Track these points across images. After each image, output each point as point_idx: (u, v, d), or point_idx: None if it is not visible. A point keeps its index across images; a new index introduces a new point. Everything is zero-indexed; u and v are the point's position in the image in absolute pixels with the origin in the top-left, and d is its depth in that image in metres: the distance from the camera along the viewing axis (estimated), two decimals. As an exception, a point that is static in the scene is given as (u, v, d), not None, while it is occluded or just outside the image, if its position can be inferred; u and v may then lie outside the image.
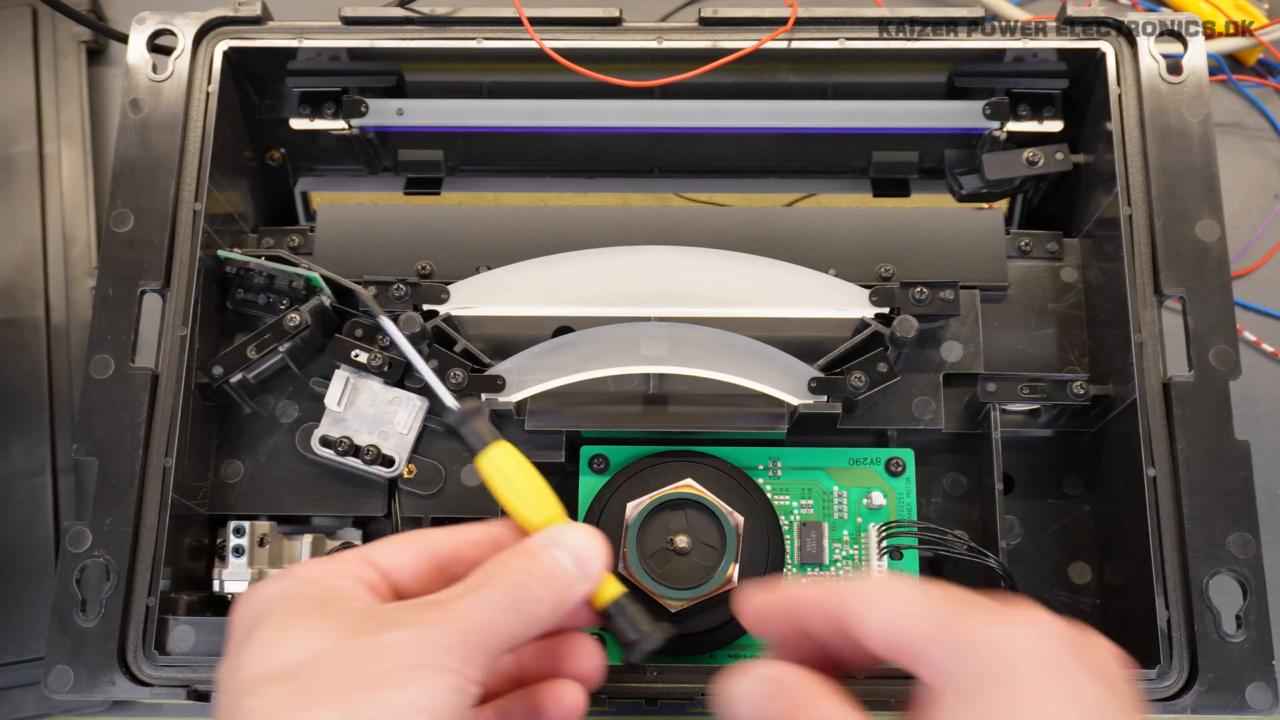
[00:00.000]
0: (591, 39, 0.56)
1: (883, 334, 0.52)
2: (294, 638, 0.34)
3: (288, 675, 0.33)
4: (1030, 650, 0.31)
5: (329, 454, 0.53)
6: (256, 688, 0.33)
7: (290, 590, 0.36)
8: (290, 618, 0.35)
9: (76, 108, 0.73)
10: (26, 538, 0.63)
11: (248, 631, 0.35)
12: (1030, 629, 0.31)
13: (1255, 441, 0.48)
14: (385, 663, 0.33)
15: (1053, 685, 0.30)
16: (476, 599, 0.35)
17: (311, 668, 0.33)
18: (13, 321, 0.68)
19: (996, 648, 0.31)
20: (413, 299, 0.53)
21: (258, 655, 0.34)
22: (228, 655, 0.35)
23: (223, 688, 0.34)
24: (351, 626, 0.34)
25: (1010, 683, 0.30)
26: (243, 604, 0.37)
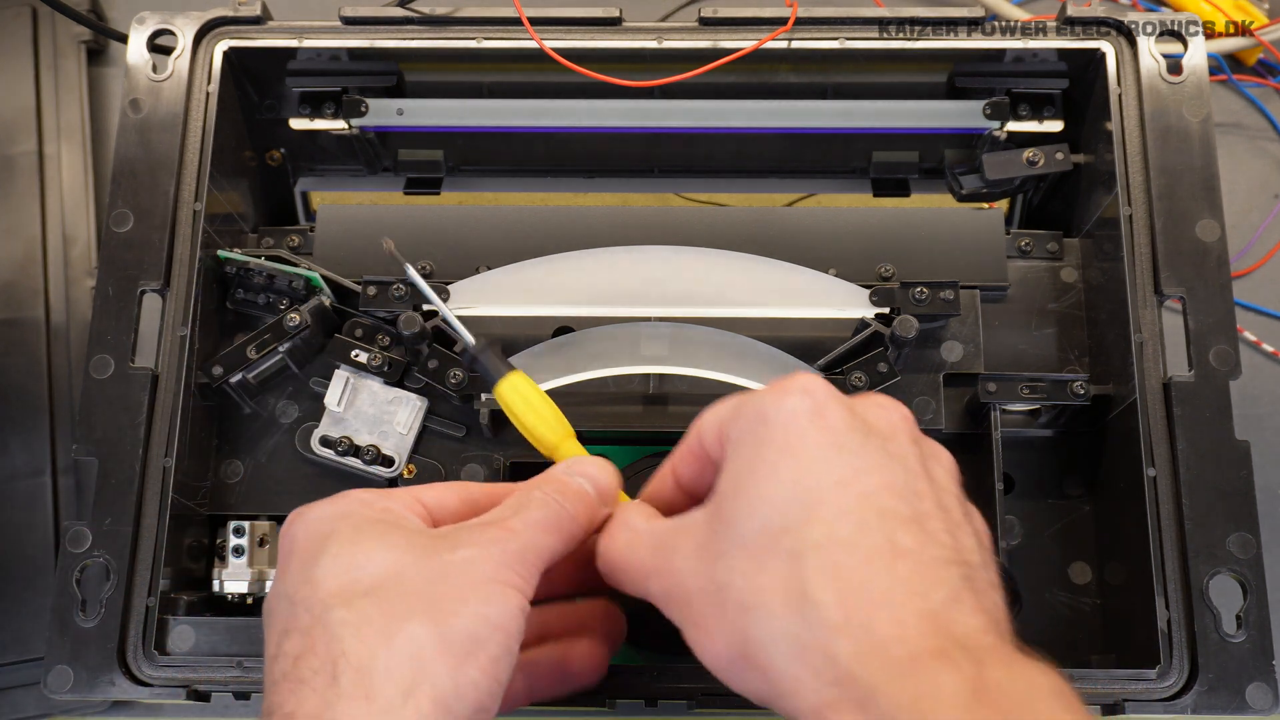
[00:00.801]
0: (591, 39, 0.56)
1: (883, 334, 0.52)
2: (370, 553, 0.36)
3: (373, 590, 0.35)
4: (794, 405, 0.35)
5: (329, 454, 0.53)
6: (344, 600, 0.35)
7: (351, 510, 0.38)
8: (360, 535, 0.37)
9: (76, 108, 0.74)
10: (26, 538, 0.63)
11: (316, 548, 0.37)
12: (793, 392, 0.36)
13: (1255, 441, 0.48)
14: (461, 578, 0.35)
15: (811, 435, 0.35)
16: (524, 519, 0.38)
17: (395, 583, 0.35)
18: (13, 321, 0.68)
19: (768, 408, 0.36)
20: (413, 299, 0.53)
21: (337, 569, 0.36)
22: (293, 572, 0.37)
23: (297, 600, 0.36)
24: (422, 545, 0.36)
25: (772, 431, 0.35)
26: (300, 523, 0.38)
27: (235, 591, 0.52)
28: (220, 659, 0.47)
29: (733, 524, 0.35)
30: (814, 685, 0.32)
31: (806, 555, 0.33)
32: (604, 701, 0.46)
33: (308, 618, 0.35)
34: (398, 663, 0.34)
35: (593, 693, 0.45)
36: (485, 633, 0.35)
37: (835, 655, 0.32)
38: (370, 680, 0.33)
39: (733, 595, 0.34)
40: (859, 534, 0.33)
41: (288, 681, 0.34)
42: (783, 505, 0.34)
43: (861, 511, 0.34)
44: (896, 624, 0.32)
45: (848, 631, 0.32)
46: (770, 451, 0.35)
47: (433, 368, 0.52)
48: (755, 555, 0.34)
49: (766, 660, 0.33)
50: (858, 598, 0.32)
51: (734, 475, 0.36)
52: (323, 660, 0.34)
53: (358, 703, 0.33)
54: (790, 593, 0.33)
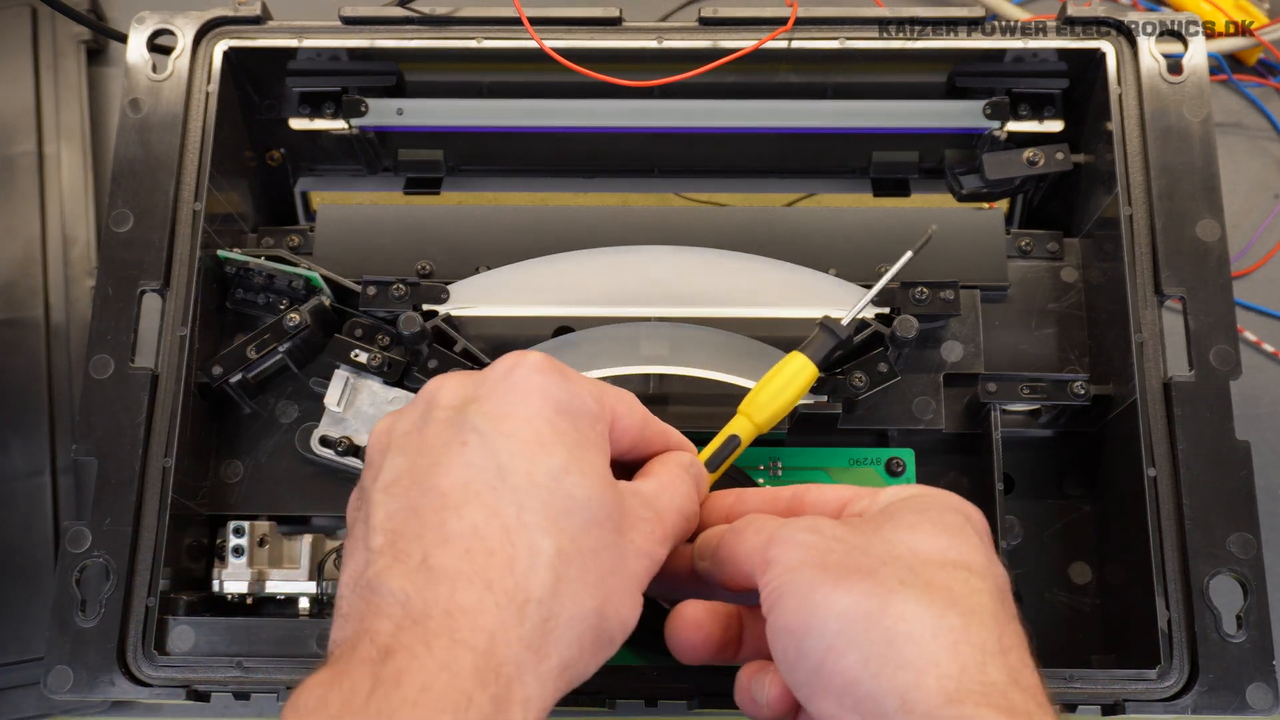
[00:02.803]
0: (591, 39, 0.56)
1: (883, 334, 0.52)
2: (590, 495, 0.35)
3: (581, 544, 0.35)
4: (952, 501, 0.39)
5: (329, 454, 0.53)
6: (557, 533, 0.34)
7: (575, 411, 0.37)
8: (582, 461, 0.36)
9: (76, 108, 0.74)
10: (26, 538, 0.63)
11: (544, 437, 0.36)
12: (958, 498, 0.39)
13: (1255, 441, 0.48)
14: (629, 575, 0.36)
15: (977, 529, 0.38)
16: (673, 520, 0.39)
17: (594, 548, 0.35)
18: (13, 321, 0.68)
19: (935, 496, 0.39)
20: (412, 299, 0.53)
21: (559, 492, 0.35)
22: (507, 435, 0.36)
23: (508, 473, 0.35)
24: (617, 510, 0.36)
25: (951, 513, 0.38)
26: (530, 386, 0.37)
27: (235, 591, 0.52)
28: (220, 659, 0.47)
29: (911, 531, 0.37)
30: (955, 673, 0.33)
31: (981, 593, 0.35)
32: (604, 701, 0.46)
33: (514, 515, 0.34)
34: (570, 638, 0.34)
35: (593, 693, 0.45)
36: (619, 636, 0.36)
37: (988, 668, 0.33)
38: (546, 642, 0.33)
39: (891, 571, 0.35)
40: (1015, 619, 0.36)
41: (468, 563, 0.33)
42: (967, 551, 0.36)
43: (1014, 609, 0.36)
44: (1039, 688, 0.34)
45: (1005, 661, 0.34)
46: (956, 515, 0.38)
47: (433, 368, 0.52)
48: (929, 562, 0.36)
49: (907, 629, 0.33)
50: (1014, 650, 0.34)
51: (911, 509, 0.38)
52: (516, 583, 0.33)
53: (531, 655, 0.33)
54: (959, 602, 0.34)
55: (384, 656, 0.32)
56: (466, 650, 0.32)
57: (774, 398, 0.46)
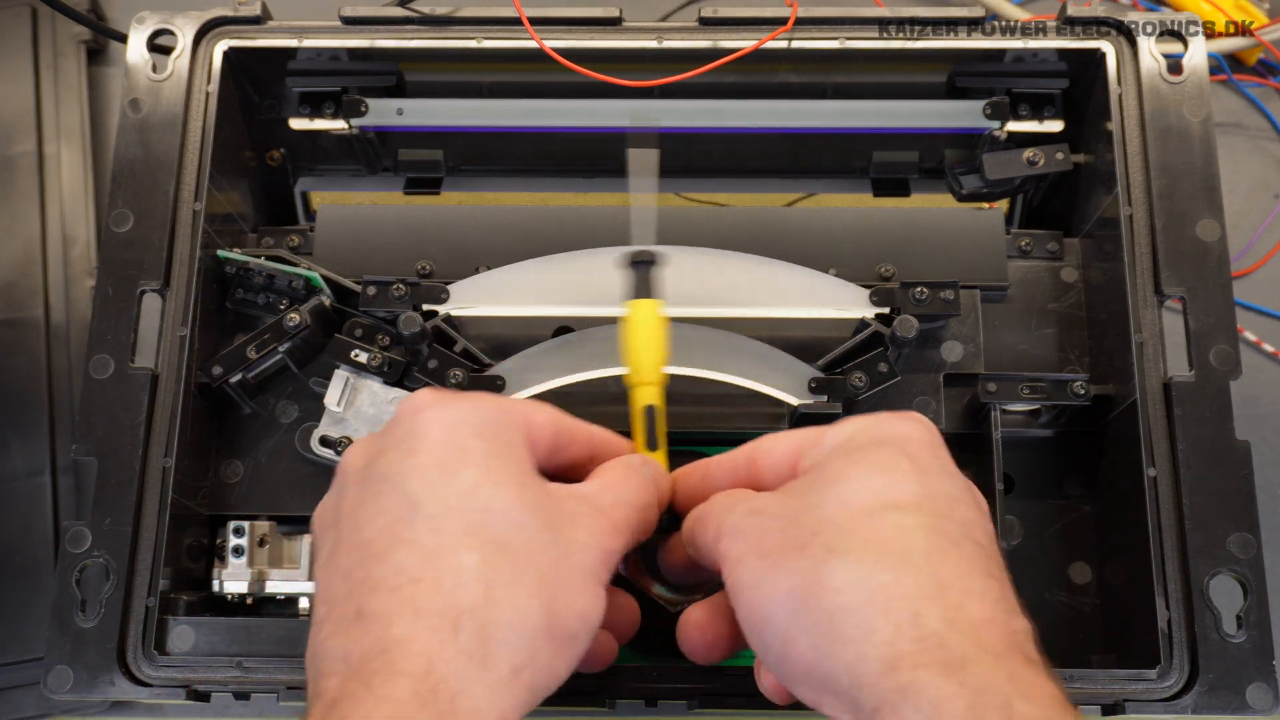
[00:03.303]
0: (591, 39, 0.56)
1: (883, 334, 0.52)
2: (506, 501, 0.35)
3: (504, 545, 0.35)
4: (912, 427, 0.38)
5: (329, 454, 0.53)
6: (476, 544, 0.34)
7: (483, 428, 0.37)
8: (495, 472, 0.36)
9: (76, 108, 0.73)
10: (26, 538, 0.63)
11: (452, 460, 0.36)
12: (909, 419, 0.38)
13: (1255, 441, 0.48)
14: (575, 568, 0.36)
15: (929, 451, 0.37)
16: (623, 515, 0.39)
17: (522, 547, 0.35)
18: (13, 321, 0.68)
19: (883, 422, 0.38)
20: (412, 299, 0.53)
21: (472, 502, 0.35)
22: (422, 468, 0.36)
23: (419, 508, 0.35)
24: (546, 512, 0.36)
25: (888, 436, 0.37)
26: (433, 417, 0.37)
27: (235, 591, 0.52)
28: (220, 659, 0.47)
29: (839, 483, 0.36)
30: (888, 636, 0.32)
31: (914, 531, 0.34)
32: (604, 701, 0.46)
33: (432, 542, 0.34)
34: (515, 641, 0.34)
35: (593, 693, 0.45)
36: (580, 630, 0.36)
37: (922, 616, 0.32)
38: (489, 649, 0.33)
39: (820, 540, 0.34)
40: (961, 540, 0.35)
41: (397, 599, 0.33)
42: (898, 487, 0.35)
43: (963, 528, 0.35)
44: (987, 619, 0.33)
45: (941, 602, 0.32)
46: (889, 447, 0.37)
47: (432, 368, 0.52)
48: (858, 513, 0.35)
49: (839, 603, 0.33)
50: (955, 583, 0.33)
51: (843, 455, 0.37)
52: (445, 603, 0.33)
53: (474, 666, 0.33)
54: (889, 552, 0.33)
55: (330, 708, 0.32)
56: (404, 677, 0.32)
57: (649, 350, 0.45)
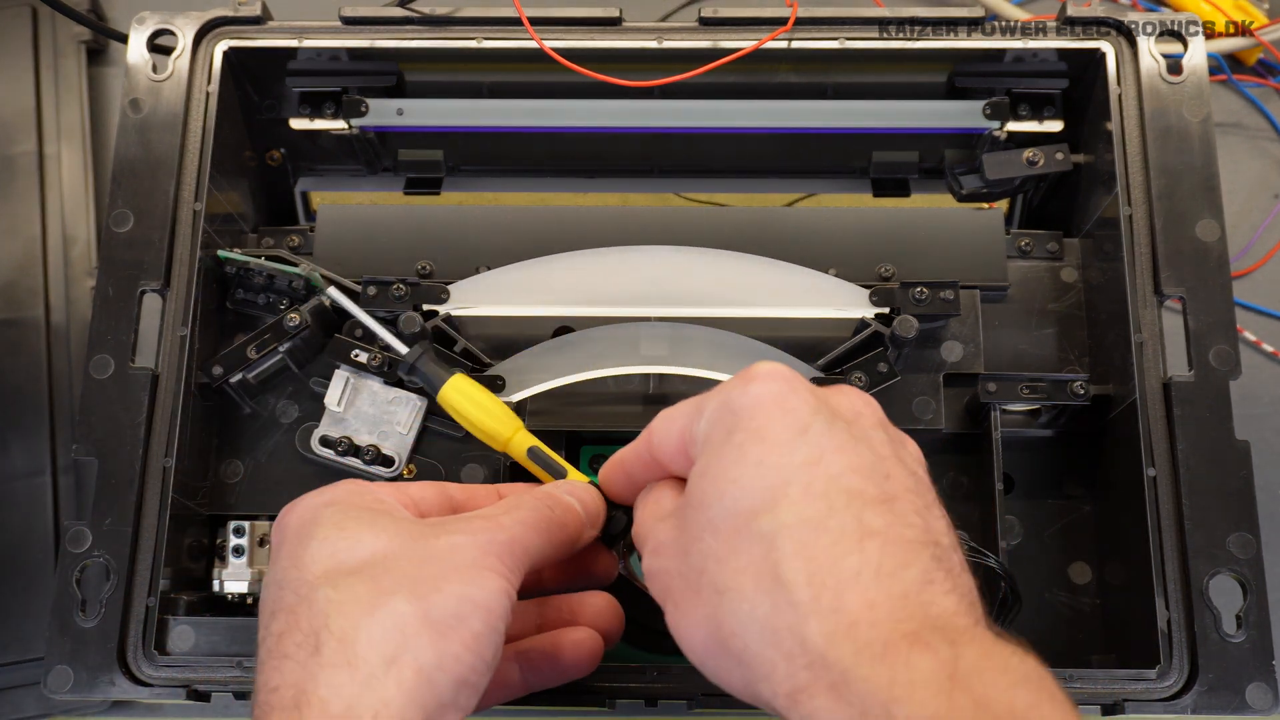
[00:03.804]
0: (591, 39, 0.56)
1: (883, 334, 0.52)
2: (358, 537, 0.37)
3: (359, 569, 0.36)
4: (759, 390, 0.35)
5: (329, 454, 0.53)
6: (331, 579, 0.36)
7: (340, 498, 0.39)
8: (348, 521, 0.38)
9: (76, 108, 0.74)
10: (26, 538, 0.63)
11: (305, 533, 0.38)
12: (757, 378, 0.36)
13: (1255, 441, 0.48)
14: (446, 562, 0.37)
15: (778, 418, 0.35)
16: (513, 517, 0.39)
17: (381, 563, 0.36)
18: (13, 321, 0.68)
19: (733, 395, 0.36)
20: (413, 299, 0.53)
21: (324, 553, 0.37)
22: (283, 558, 0.38)
23: (285, 583, 0.37)
24: (409, 531, 0.38)
25: (739, 417, 0.35)
26: (291, 513, 0.39)
27: (235, 591, 0.52)
28: (220, 659, 0.47)
29: (704, 508, 0.35)
30: (786, 669, 0.32)
31: (777, 536, 0.33)
32: (604, 701, 0.46)
33: (293, 598, 0.36)
34: (380, 633, 0.34)
35: (593, 692, 0.45)
36: (467, 610, 0.36)
37: (806, 637, 0.31)
38: (353, 650, 0.34)
39: (707, 579, 0.34)
40: (827, 514, 0.33)
41: (272, 659, 0.35)
42: (751, 488, 0.34)
43: (829, 492, 0.33)
44: (867, 605, 0.31)
45: (818, 613, 0.32)
46: (738, 435, 0.35)
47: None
48: (727, 538, 0.34)
49: (741, 645, 0.33)
50: (827, 578, 0.32)
51: (704, 463, 0.36)
52: (305, 634, 0.35)
53: (340, 671, 0.34)
54: (762, 575, 0.33)
55: None
56: (275, 714, 0.34)
57: (487, 415, 0.48)
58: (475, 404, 0.47)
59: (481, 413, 0.47)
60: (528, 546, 0.39)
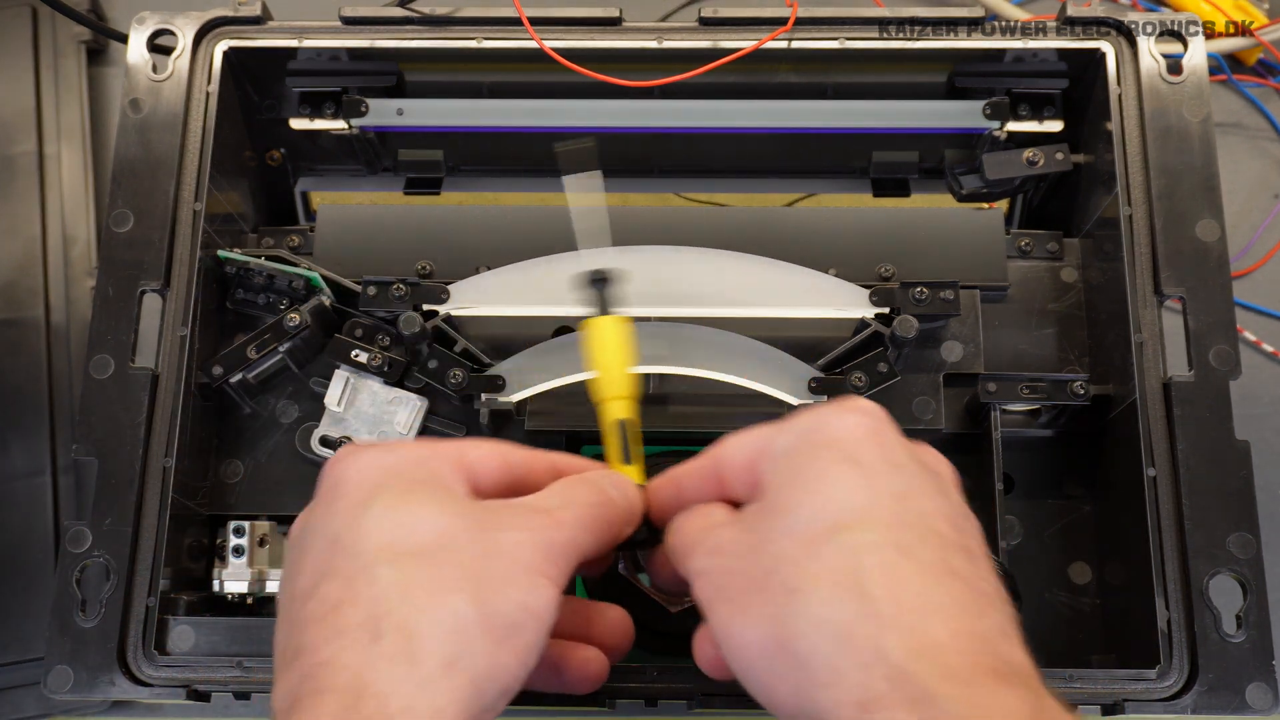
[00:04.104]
0: (591, 39, 0.56)
1: (883, 334, 0.52)
2: (421, 515, 0.36)
3: (421, 553, 0.35)
4: (855, 420, 0.36)
5: (329, 454, 0.53)
6: (392, 558, 0.34)
7: (404, 467, 0.37)
8: (412, 495, 0.36)
9: (76, 108, 0.74)
10: (26, 538, 0.63)
11: (366, 496, 0.36)
12: (853, 410, 0.36)
13: (1255, 441, 0.48)
14: (507, 561, 0.35)
15: (873, 448, 0.35)
16: (571, 514, 0.38)
17: (443, 552, 0.35)
18: (13, 321, 0.68)
19: (828, 419, 0.36)
20: (413, 299, 0.53)
21: (386, 524, 0.35)
22: (339, 514, 0.36)
23: (341, 543, 0.35)
24: (471, 517, 0.36)
25: (831, 438, 0.35)
26: (352, 465, 0.37)
27: (235, 591, 0.52)
28: (220, 659, 0.47)
29: (786, 513, 0.35)
30: (859, 678, 0.31)
31: (862, 551, 0.33)
32: (604, 701, 0.46)
33: (350, 566, 0.35)
34: (442, 634, 0.33)
35: (593, 692, 0.45)
36: (524, 619, 0.35)
37: (886, 650, 0.31)
38: (414, 646, 0.33)
39: (778, 579, 0.34)
40: (916, 545, 0.33)
41: (323, 627, 0.34)
42: (840, 503, 0.34)
43: (918, 526, 0.34)
44: (951, 634, 0.31)
45: (900, 629, 0.31)
46: (829, 453, 0.35)
47: (433, 368, 0.52)
48: (808, 544, 0.34)
49: (807, 646, 0.32)
50: (913, 601, 0.32)
51: (788, 473, 0.36)
52: (365, 615, 0.34)
53: (400, 666, 0.33)
54: (842, 582, 0.32)
55: None
56: (329, 694, 0.33)
57: (615, 365, 0.45)
58: (612, 350, 0.45)
59: (611, 359, 0.45)
60: (581, 548, 0.38)
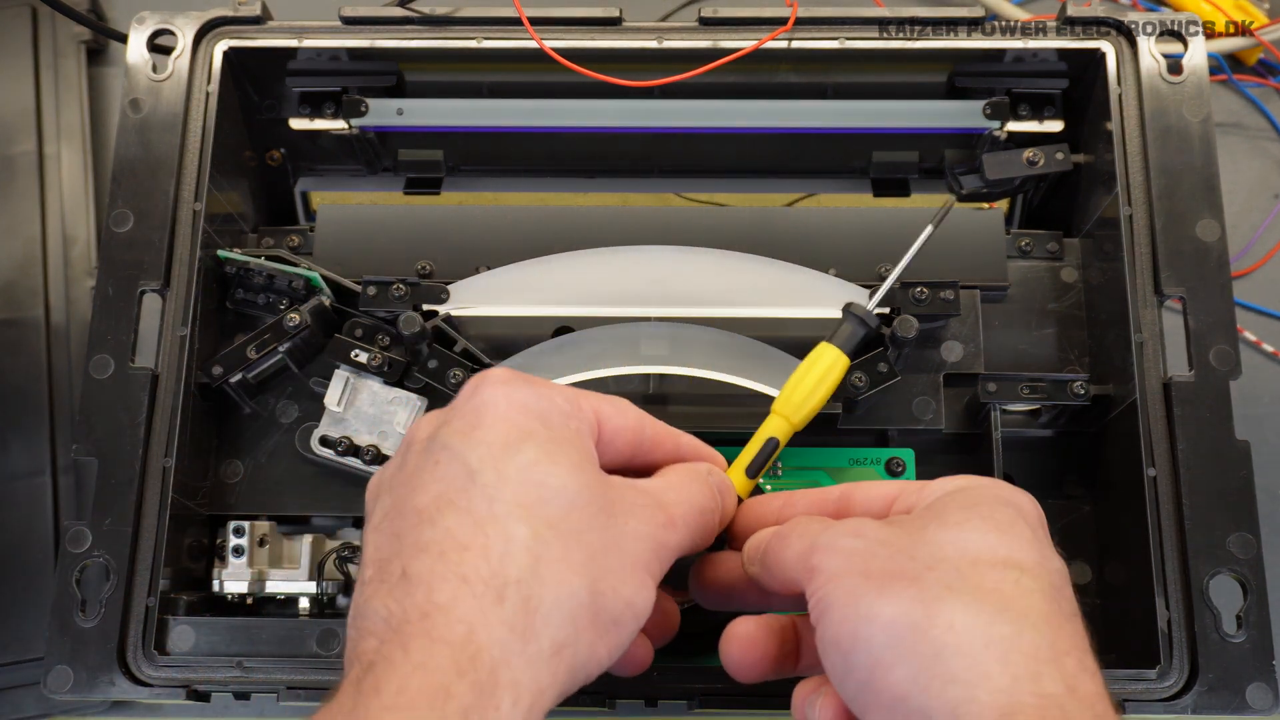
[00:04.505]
0: (591, 39, 0.56)
1: (883, 334, 0.52)
2: (564, 481, 0.35)
3: (556, 524, 0.35)
4: (1013, 494, 0.38)
5: (329, 454, 0.53)
6: (529, 518, 0.34)
7: (551, 416, 0.37)
8: (558, 454, 0.36)
9: (76, 108, 0.74)
10: (26, 538, 0.63)
11: (514, 438, 0.36)
12: (1012, 490, 0.38)
13: (1255, 441, 0.48)
14: (626, 554, 0.36)
15: (1017, 523, 0.36)
16: (684, 513, 0.39)
17: (575, 527, 0.35)
18: (13, 321, 0.68)
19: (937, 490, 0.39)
20: (413, 299, 0.53)
21: (530, 478, 0.35)
22: (481, 443, 0.36)
23: (476, 472, 0.35)
24: (605, 497, 0.36)
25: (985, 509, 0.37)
26: (504, 396, 0.37)
27: (235, 591, 0.52)
28: (220, 659, 0.47)
29: (954, 528, 0.36)
30: (1007, 686, 0.32)
31: (1031, 593, 0.34)
32: (604, 701, 0.46)
33: (484, 510, 0.34)
34: (559, 617, 0.34)
35: (593, 693, 0.45)
36: (627, 616, 0.35)
37: (1042, 678, 0.32)
38: (531, 622, 0.33)
39: (936, 574, 0.34)
40: (1074, 617, 0.35)
41: (443, 564, 0.33)
42: (1009, 540, 0.35)
43: (1073, 605, 0.36)
44: (1098, 696, 0.33)
45: (1060, 668, 0.32)
46: (1008, 509, 0.37)
47: (433, 368, 0.52)
48: (975, 561, 0.34)
49: (953, 640, 0.32)
50: (1071, 654, 0.33)
51: (960, 501, 0.37)
52: (492, 570, 0.33)
53: (515, 638, 0.33)
54: (1009, 605, 0.33)
55: (365, 672, 0.32)
56: (443, 645, 0.32)
57: (810, 394, 0.46)
58: (818, 378, 0.46)
59: (812, 384, 0.46)
60: (682, 547, 0.38)
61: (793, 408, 0.46)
